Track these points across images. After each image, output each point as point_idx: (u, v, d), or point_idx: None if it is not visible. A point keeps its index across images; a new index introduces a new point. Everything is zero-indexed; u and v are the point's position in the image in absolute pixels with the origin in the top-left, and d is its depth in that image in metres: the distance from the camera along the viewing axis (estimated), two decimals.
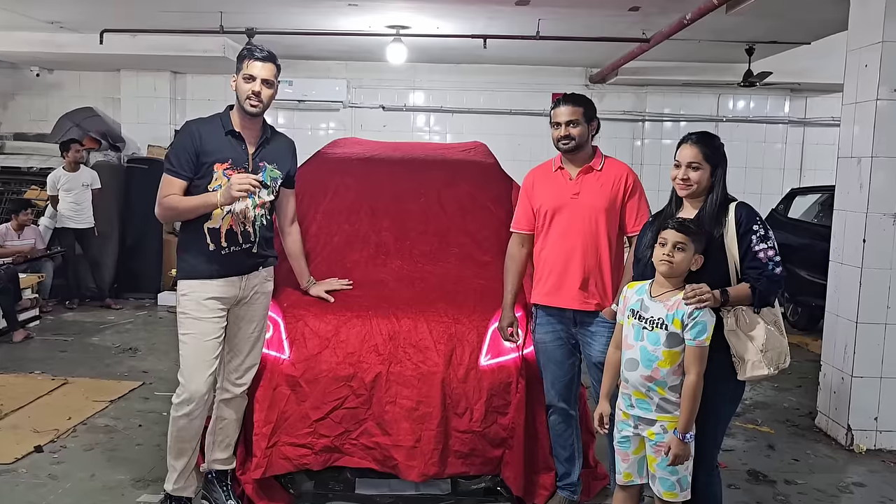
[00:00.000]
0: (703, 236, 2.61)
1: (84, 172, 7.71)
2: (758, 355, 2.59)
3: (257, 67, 3.00)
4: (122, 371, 5.48)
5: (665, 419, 2.57)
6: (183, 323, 3.08)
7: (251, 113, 3.04)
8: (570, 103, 3.19)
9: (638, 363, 2.59)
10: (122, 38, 7.65)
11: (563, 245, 3.19)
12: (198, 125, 3.07)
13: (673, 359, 2.55)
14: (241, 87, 3.01)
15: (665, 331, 2.55)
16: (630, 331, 2.66)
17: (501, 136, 8.96)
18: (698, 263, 2.60)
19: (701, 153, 2.71)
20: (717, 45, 7.09)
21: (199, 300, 3.05)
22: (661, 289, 2.62)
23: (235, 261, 3.12)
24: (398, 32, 7.09)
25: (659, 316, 2.58)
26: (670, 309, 2.56)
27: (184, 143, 3.02)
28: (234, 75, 3.06)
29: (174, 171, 3.00)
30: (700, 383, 2.51)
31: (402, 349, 3.30)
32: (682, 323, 2.53)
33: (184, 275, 3.10)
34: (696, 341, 2.51)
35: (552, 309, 3.23)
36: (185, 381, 3.08)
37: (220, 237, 3.06)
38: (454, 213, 4.16)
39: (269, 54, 3.05)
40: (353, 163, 4.54)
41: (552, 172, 3.29)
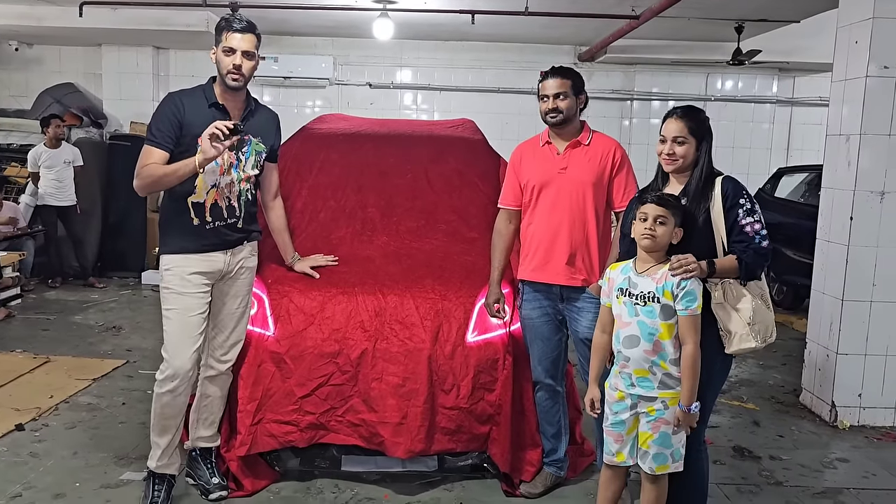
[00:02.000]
0: (681, 209, 2.61)
1: (65, 149, 7.58)
2: (745, 328, 2.58)
3: (236, 39, 2.92)
4: (105, 349, 5.42)
5: (667, 395, 2.56)
6: (166, 298, 3.02)
7: (233, 87, 2.98)
8: (558, 76, 3.15)
9: (639, 339, 2.57)
10: (102, 11, 7.51)
11: (550, 220, 3.16)
12: (181, 96, 2.99)
13: (671, 330, 2.54)
14: (222, 60, 2.93)
15: (657, 303, 2.54)
16: (623, 309, 2.64)
17: (489, 114, 8.90)
18: (678, 236, 2.60)
19: (686, 127, 2.69)
20: (706, 22, 7.04)
21: (182, 275, 3.00)
22: (646, 264, 2.61)
23: (220, 235, 3.07)
24: (385, 7, 6.98)
25: (649, 290, 2.56)
26: (658, 282, 2.55)
27: (166, 113, 2.92)
28: (214, 48, 2.98)
29: (156, 141, 2.90)
30: (698, 353, 2.50)
31: (388, 325, 3.27)
32: (672, 294, 2.52)
33: (167, 249, 3.04)
34: (688, 311, 2.50)
35: (539, 285, 3.21)
36: (170, 356, 3.03)
37: (204, 211, 3.01)
38: (441, 189, 4.12)
39: (248, 24, 2.97)
40: (338, 138, 4.48)
41: (539, 147, 3.25)
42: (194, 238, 3.01)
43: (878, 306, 4.29)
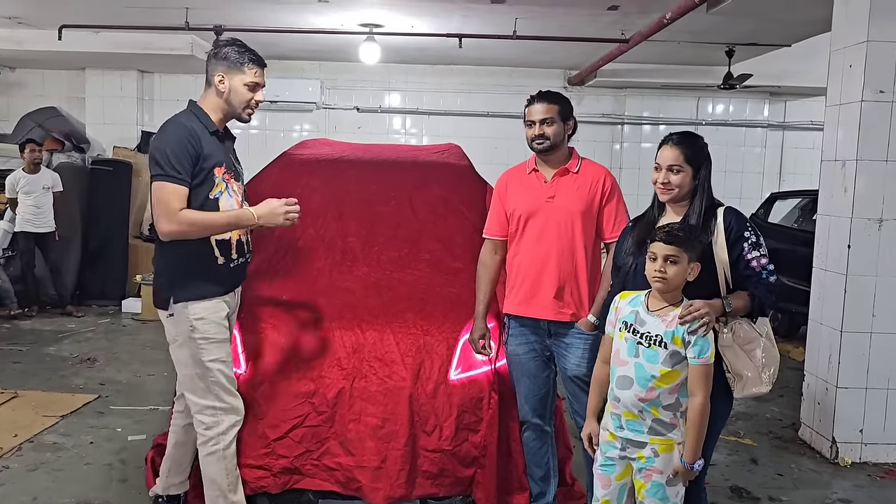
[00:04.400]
0: (696, 242, 2.41)
1: (45, 174, 7.41)
2: (755, 371, 2.43)
3: (261, 76, 2.80)
4: (77, 383, 5.21)
5: (657, 442, 2.38)
6: (208, 350, 2.75)
7: (246, 121, 2.89)
8: (544, 101, 3.01)
9: (632, 381, 2.39)
10: (84, 34, 7.39)
11: (536, 251, 3.01)
12: (190, 124, 2.72)
13: (671, 378, 2.35)
14: (241, 93, 2.76)
15: (664, 349, 2.35)
16: (623, 345, 2.46)
17: (478, 138, 8.80)
18: (695, 272, 2.39)
19: (682, 155, 2.54)
20: (696, 46, 6.97)
21: (218, 321, 2.78)
22: (659, 303, 2.42)
23: (239, 272, 2.91)
24: (371, 31, 6.88)
25: (657, 333, 2.38)
26: (669, 325, 2.36)
27: (185, 144, 2.65)
28: (222, 74, 2.74)
29: (180, 178, 2.61)
30: (708, 406, 2.32)
31: (366, 363, 3.11)
32: (682, 340, 2.33)
33: (194, 296, 2.73)
34: (700, 360, 2.32)
35: (525, 319, 3.05)
36: (231, 404, 2.83)
37: (230, 249, 2.81)
38: (425, 217, 3.96)
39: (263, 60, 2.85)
40: (320, 164, 4.33)
41: (526, 175, 3.11)
42: (221, 279, 2.81)
43: (878, 338, 4.14)
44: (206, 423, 2.79)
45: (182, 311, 2.72)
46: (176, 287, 2.74)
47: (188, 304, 2.72)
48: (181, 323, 2.73)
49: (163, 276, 2.79)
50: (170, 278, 2.76)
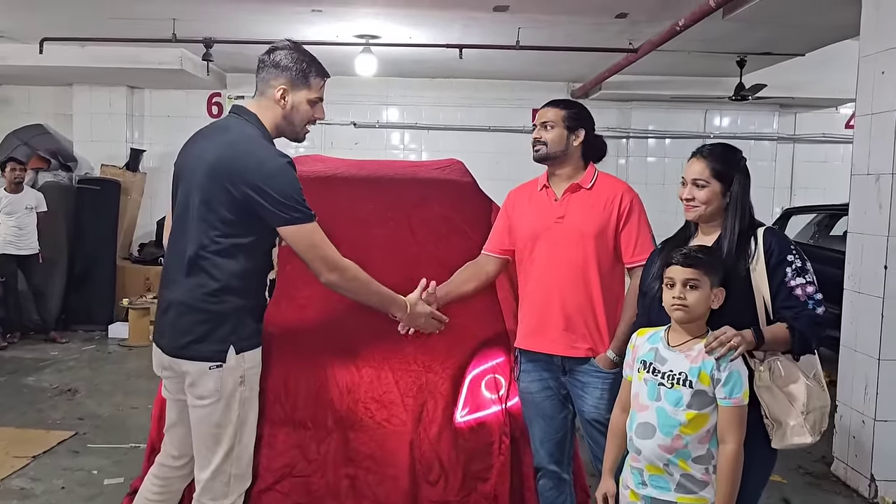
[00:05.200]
0: (718, 264, 2.13)
1: (28, 194, 7.10)
2: (798, 418, 2.10)
3: (324, 88, 2.49)
4: (54, 418, 4.87)
5: (686, 501, 2.06)
6: (250, 404, 2.41)
7: (302, 140, 2.56)
8: (551, 104, 2.75)
9: (655, 429, 2.08)
10: (70, 49, 7.11)
11: (544, 278, 2.69)
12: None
13: (699, 423, 2.04)
14: (304, 111, 2.43)
15: (689, 388, 2.05)
16: (642, 388, 2.16)
17: (479, 153, 8.46)
18: (719, 299, 2.11)
19: (709, 168, 2.26)
20: (706, 56, 6.69)
21: (258, 371, 2.47)
22: (681, 337, 2.12)
23: None
24: (367, 42, 6.60)
25: (680, 370, 2.08)
26: (694, 360, 2.07)
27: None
28: (284, 87, 2.38)
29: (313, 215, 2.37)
30: (741, 454, 2.02)
31: (362, 405, 2.78)
32: (711, 378, 2.03)
33: (251, 343, 2.39)
34: (732, 400, 2.02)
35: (537, 354, 2.73)
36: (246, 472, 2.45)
37: (272, 288, 2.57)
38: (425, 238, 3.63)
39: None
40: (311, 183, 3.93)
41: (536, 192, 2.80)
42: (262, 321, 2.49)
43: None
44: (216, 492, 2.37)
45: (237, 361, 2.33)
46: (238, 334, 2.34)
47: (247, 353, 2.36)
48: (231, 375, 2.33)
49: (224, 321, 2.32)
50: (233, 325, 2.33)
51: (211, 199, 2.29)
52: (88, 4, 5.62)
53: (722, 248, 2.21)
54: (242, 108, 2.44)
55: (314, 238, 2.35)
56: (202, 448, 2.39)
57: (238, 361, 2.33)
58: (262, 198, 2.24)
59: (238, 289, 2.33)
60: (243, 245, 2.32)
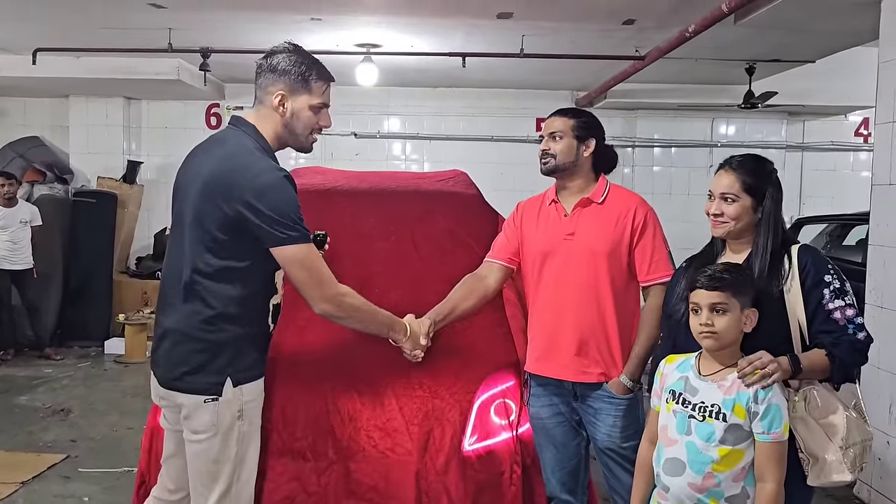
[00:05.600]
0: (747, 283, 1.98)
1: (22, 207, 6.95)
2: (837, 453, 1.94)
3: (329, 93, 2.30)
4: (46, 440, 4.70)
5: None
6: (248, 439, 2.23)
7: (309, 149, 2.36)
8: (560, 114, 2.60)
9: (685, 466, 1.92)
10: (65, 60, 6.98)
11: (554, 299, 2.54)
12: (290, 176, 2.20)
13: (734, 459, 1.89)
14: (306, 118, 2.24)
15: (723, 422, 1.89)
16: (671, 420, 2.00)
17: (483, 164, 8.31)
18: (752, 321, 1.96)
19: (739, 181, 2.10)
20: (714, 63, 6.54)
21: (260, 404, 2.30)
22: (713, 365, 1.96)
23: None
24: (368, 51, 6.47)
25: (713, 402, 1.92)
26: (728, 392, 1.91)
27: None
28: (282, 92, 2.21)
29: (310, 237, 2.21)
30: (782, 494, 1.86)
31: (364, 433, 2.61)
32: (746, 411, 1.87)
33: (251, 375, 2.22)
34: (771, 435, 1.87)
35: (547, 378, 2.58)
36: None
37: (278, 314, 2.36)
38: (430, 254, 3.48)
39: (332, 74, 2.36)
40: (310, 196, 3.81)
41: (545, 206, 2.65)
42: (267, 350, 2.34)
43: None
44: None
45: (236, 394, 2.17)
46: (236, 366, 2.17)
47: (246, 386, 2.19)
48: (228, 409, 2.16)
49: (221, 352, 2.15)
50: (231, 355, 2.17)
51: (203, 217, 2.13)
52: (81, 14, 5.49)
53: (753, 269, 2.05)
54: (241, 118, 2.28)
55: (308, 261, 2.16)
56: (198, 485, 2.22)
57: (236, 395, 2.17)
58: (254, 215, 2.08)
59: (236, 316, 2.16)
60: (240, 269, 2.15)
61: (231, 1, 5.15)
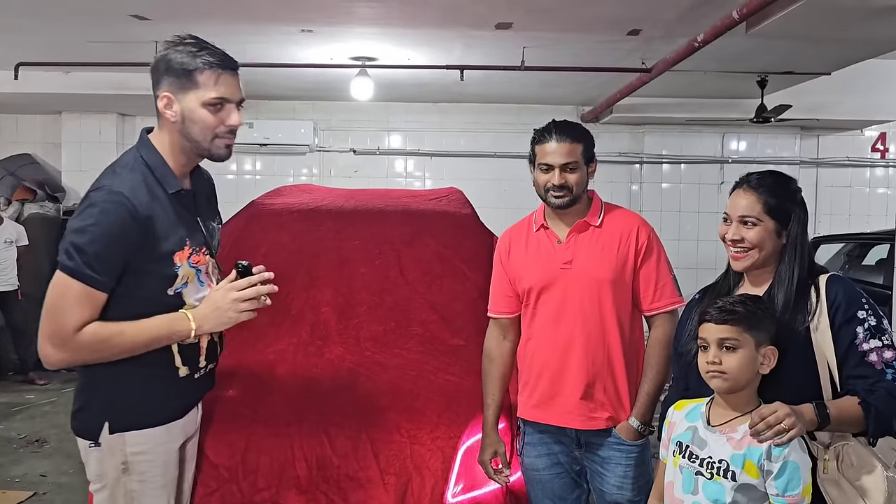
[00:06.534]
0: (764, 317, 1.71)
1: (7, 227, 6.76)
2: None
3: (230, 84, 1.89)
4: (15, 474, 4.43)
5: None
6: (138, 499, 1.92)
7: (223, 157, 1.94)
8: (566, 138, 2.23)
9: None
10: (54, 75, 6.78)
11: (555, 336, 2.25)
12: (135, 194, 1.84)
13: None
14: (204, 118, 1.87)
15: (732, 480, 1.63)
16: (677, 476, 1.73)
17: (485, 180, 8.10)
18: (771, 361, 1.69)
19: (760, 202, 1.83)
20: (724, 76, 6.27)
21: (166, 457, 1.96)
22: (724, 413, 1.70)
23: (205, 383, 2.10)
24: (364, 64, 6.23)
25: (721, 457, 1.66)
26: (738, 446, 1.64)
27: (120, 231, 1.80)
28: (168, 94, 1.88)
29: (97, 279, 1.78)
30: None
31: (334, 484, 2.33)
32: (759, 469, 1.60)
33: (136, 422, 1.90)
34: (787, 497, 1.59)
35: (547, 425, 2.29)
36: None
37: (199, 355, 2.02)
38: (417, 279, 3.22)
39: (232, 57, 1.96)
40: (293, 216, 3.61)
41: (533, 233, 2.35)
42: (178, 397, 2.00)
43: None
44: None
45: (116, 442, 1.88)
46: (115, 409, 1.88)
47: (130, 434, 1.88)
48: (111, 458, 1.89)
49: (93, 393, 1.90)
50: (106, 397, 1.89)
51: None
52: (62, 27, 5.28)
53: (776, 301, 1.77)
54: (146, 133, 2.00)
55: (62, 298, 1.78)
56: None
57: (116, 443, 1.88)
58: None
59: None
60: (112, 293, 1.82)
61: (216, 12, 4.94)
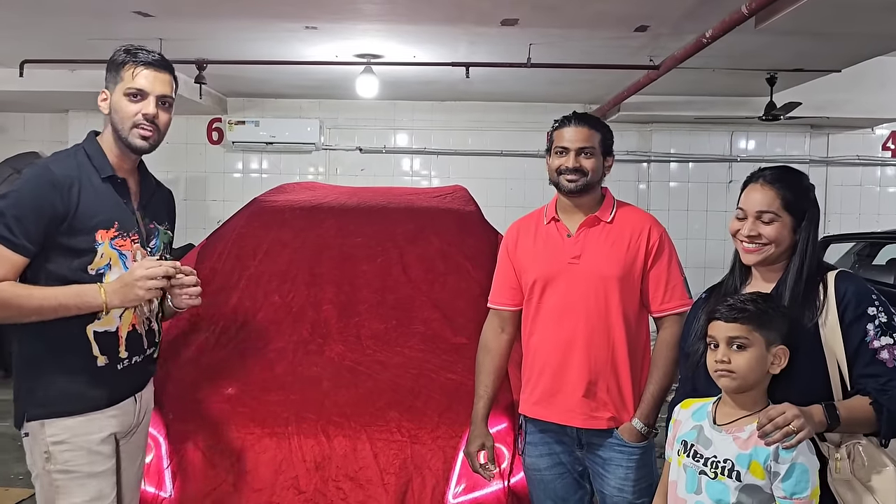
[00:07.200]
0: (776, 315, 1.67)
1: None
2: None
3: (148, 78, 2.00)
4: (18, 472, 4.40)
5: None
6: (64, 488, 1.93)
7: (139, 148, 2.01)
8: (585, 124, 2.24)
9: None
10: (59, 73, 6.78)
11: (558, 332, 2.21)
12: (60, 169, 1.94)
13: None
14: (124, 107, 1.99)
15: (736, 481, 1.60)
16: (681, 475, 1.70)
17: (491, 179, 8.10)
18: (782, 361, 1.65)
19: (780, 198, 1.78)
20: (733, 74, 6.21)
21: (90, 446, 1.96)
22: (731, 412, 1.66)
23: (134, 375, 2.08)
24: (369, 61, 6.21)
25: (726, 457, 1.62)
26: (744, 446, 1.61)
27: (37, 197, 1.87)
28: (104, 91, 2.05)
29: (11, 240, 1.83)
30: None
31: (333, 484, 2.31)
32: (765, 470, 1.56)
33: (52, 410, 1.93)
34: (794, 500, 1.55)
35: (547, 424, 2.24)
36: None
37: (118, 345, 2.01)
38: (420, 277, 3.19)
39: (162, 59, 2.07)
40: (295, 213, 3.59)
41: (543, 226, 2.32)
42: (99, 387, 1.99)
43: None
44: None
45: (37, 431, 1.92)
46: (31, 397, 1.93)
47: (48, 422, 1.91)
48: (36, 447, 1.93)
49: (18, 383, 1.96)
50: (27, 386, 1.94)
51: None
52: (65, 25, 5.28)
53: (783, 297, 1.73)
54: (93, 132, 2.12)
55: None
56: None
57: (36, 432, 1.93)
58: None
59: (26, 338, 1.94)
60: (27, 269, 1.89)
61: (220, 9, 4.91)
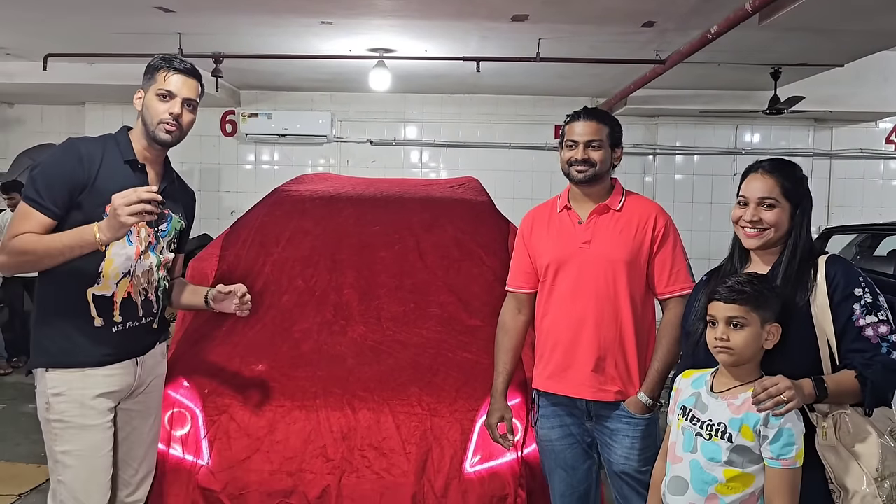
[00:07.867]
0: (770, 296, 1.83)
1: None
2: (871, 485, 1.75)
3: (177, 82, 2.27)
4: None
5: None
6: (60, 436, 2.17)
7: (163, 141, 2.27)
8: (593, 118, 2.40)
9: (687, 485, 1.81)
10: (79, 66, 6.95)
11: (570, 312, 2.37)
12: (88, 146, 2.24)
13: (742, 483, 1.76)
14: (154, 106, 2.26)
15: (728, 442, 1.76)
16: (679, 437, 1.88)
17: (500, 171, 8.24)
18: (774, 337, 1.81)
19: (779, 185, 1.94)
20: (738, 68, 6.34)
21: (83, 401, 2.18)
22: (727, 381, 1.83)
23: (131, 340, 2.29)
24: (381, 56, 6.35)
25: (720, 420, 1.79)
26: (737, 411, 1.77)
27: (64, 166, 2.16)
28: (140, 90, 2.32)
29: (39, 202, 2.11)
30: None
31: (358, 452, 2.48)
32: (755, 433, 1.72)
33: (52, 362, 2.19)
34: (780, 460, 1.71)
35: (559, 397, 2.41)
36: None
37: (112, 309, 2.23)
38: (436, 263, 3.35)
39: (192, 67, 2.32)
40: (315, 202, 3.75)
41: (556, 213, 2.48)
42: (96, 346, 2.21)
43: None
44: None
45: (41, 380, 2.20)
46: (38, 348, 2.21)
47: (49, 373, 2.18)
48: (41, 396, 2.20)
49: (34, 339, 2.24)
50: (37, 337, 2.23)
51: None
52: (89, 19, 5.44)
53: (777, 277, 1.89)
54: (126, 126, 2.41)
55: (13, 219, 2.16)
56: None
57: (41, 380, 2.20)
58: None
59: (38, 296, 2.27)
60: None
61: (238, 4, 5.06)
